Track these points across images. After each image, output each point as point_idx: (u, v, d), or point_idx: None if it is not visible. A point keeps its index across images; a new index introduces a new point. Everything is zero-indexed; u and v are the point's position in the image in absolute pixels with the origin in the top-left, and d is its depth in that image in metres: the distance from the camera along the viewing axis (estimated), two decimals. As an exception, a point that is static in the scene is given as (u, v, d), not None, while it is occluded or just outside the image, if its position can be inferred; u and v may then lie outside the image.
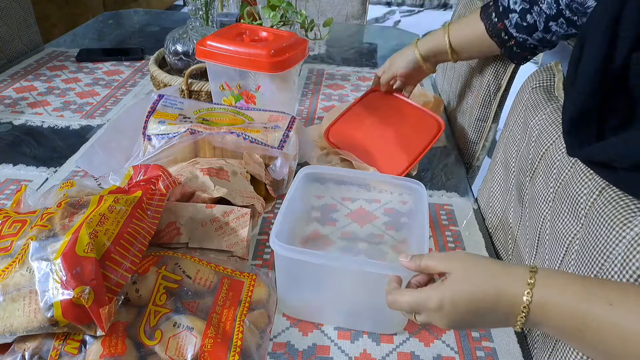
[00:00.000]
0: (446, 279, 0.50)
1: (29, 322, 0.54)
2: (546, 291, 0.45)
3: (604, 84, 0.52)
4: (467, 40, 0.95)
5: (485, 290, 0.47)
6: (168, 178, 0.69)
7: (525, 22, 0.85)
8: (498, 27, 0.88)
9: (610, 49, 0.51)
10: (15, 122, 1.12)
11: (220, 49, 0.97)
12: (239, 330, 0.60)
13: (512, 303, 0.46)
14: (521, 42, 0.88)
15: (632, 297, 0.42)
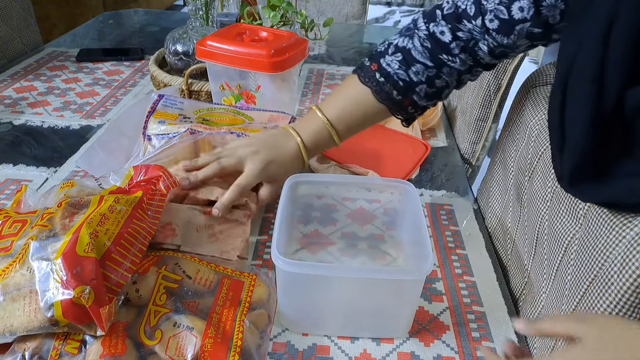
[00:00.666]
0: (575, 344, 0.44)
1: (29, 321, 0.54)
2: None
3: (598, 133, 0.51)
4: (364, 122, 0.79)
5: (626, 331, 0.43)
6: (169, 178, 0.69)
7: (435, 88, 0.73)
8: (403, 104, 0.75)
9: (599, 98, 0.49)
10: (15, 122, 1.12)
11: (221, 49, 0.97)
12: (239, 330, 0.60)
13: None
14: (426, 108, 0.78)
15: None
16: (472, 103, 1.14)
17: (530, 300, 0.70)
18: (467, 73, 0.73)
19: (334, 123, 0.77)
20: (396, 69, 0.72)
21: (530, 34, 0.64)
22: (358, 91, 0.76)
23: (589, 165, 0.53)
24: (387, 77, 0.73)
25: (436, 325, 0.69)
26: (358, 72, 0.77)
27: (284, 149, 0.78)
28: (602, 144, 0.52)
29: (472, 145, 1.16)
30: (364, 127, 0.80)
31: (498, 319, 0.70)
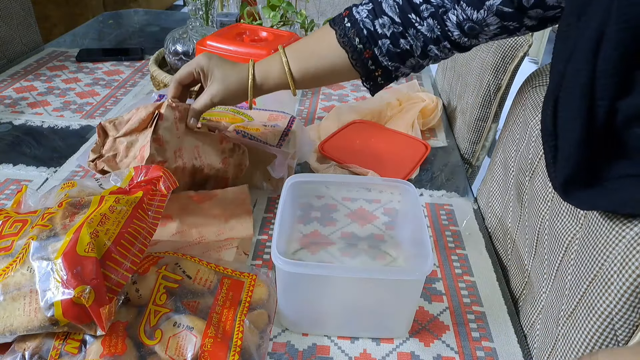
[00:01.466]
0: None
1: (29, 321, 0.54)
2: None
3: (589, 144, 0.51)
4: (324, 69, 0.75)
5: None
6: (169, 179, 0.69)
7: (399, 49, 0.71)
8: (364, 56, 0.72)
9: (590, 112, 0.49)
10: (15, 122, 1.12)
11: (220, 49, 0.97)
12: (239, 330, 0.60)
13: None
14: (390, 71, 0.75)
15: None
16: (472, 103, 1.14)
17: (531, 300, 0.70)
18: (434, 44, 0.70)
19: (292, 63, 0.76)
20: (364, 17, 0.72)
21: (501, 12, 0.63)
22: (325, 36, 0.75)
23: (582, 173, 0.53)
24: (354, 23, 0.72)
25: (436, 325, 0.69)
26: (330, 20, 0.77)
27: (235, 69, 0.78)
28: (594, 152, 0.52)
29: (472, 145, 1.16)
30: (323, 78, 0.78)
31: (498, 319, 0.70)
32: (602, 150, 0.52)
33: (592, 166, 0.53)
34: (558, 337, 0.59)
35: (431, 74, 1.49)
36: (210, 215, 0.81)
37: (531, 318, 0.69)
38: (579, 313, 0.55)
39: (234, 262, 0.70)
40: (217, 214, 0.81)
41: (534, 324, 0.68)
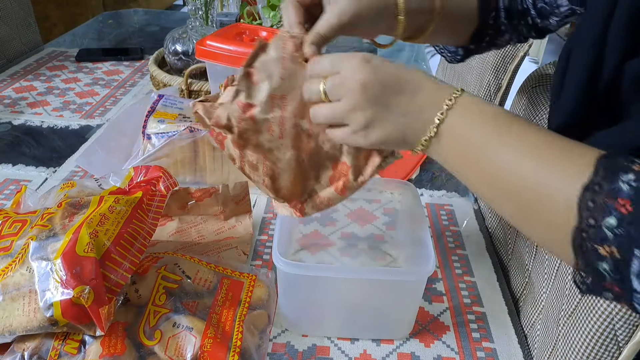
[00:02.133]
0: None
1: (29, 321, 0.54)
2: (462, 120, 0.45)
3: (591, 95, 0.51)
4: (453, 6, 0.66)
5: (414, 73, 0.47)
6: (168, 179, 0.69)
7: (510, 9, 0.69)
8: (490, 4, 0.68)
9: (598, 62, 0.49)
10: (15, 122, 1.12)
11: (220, 49, 0.97)
12: (239, 330, 0.60)
13: (433, 97, 0.46)
14: (498, 34, 0.71)
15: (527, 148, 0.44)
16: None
17: (531, 300, 0.70)
18: (522, 18, 0.69)
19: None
20: None
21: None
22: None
23: (573, 129, 0.52)
24: None
25: (436, 326, 0.68)
26: None
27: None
28: (590, 115, 0.52)
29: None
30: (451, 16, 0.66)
31: (498, 319, 0.70)
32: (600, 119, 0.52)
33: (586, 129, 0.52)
34: (558, 338, 0.59)
35: (431, 74, 1.49)
36: (210, 213, 0.81)
37: (532, 318, 0.69)
38: (579, 313, 0.55)
39: (233, 262, 0.70)
40: (217, 211, 0.81)
41: (534, 324, 0.68)
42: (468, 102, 0.46)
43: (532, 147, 0.44)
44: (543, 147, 0.44)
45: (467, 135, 0.45)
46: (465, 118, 0.46)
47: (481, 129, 0.45)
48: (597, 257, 0.38)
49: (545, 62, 0.81)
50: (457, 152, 0.46)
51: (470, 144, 0.45)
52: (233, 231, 0.80)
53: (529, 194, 0.43)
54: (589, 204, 0.38)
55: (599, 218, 0.37)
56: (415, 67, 0.48)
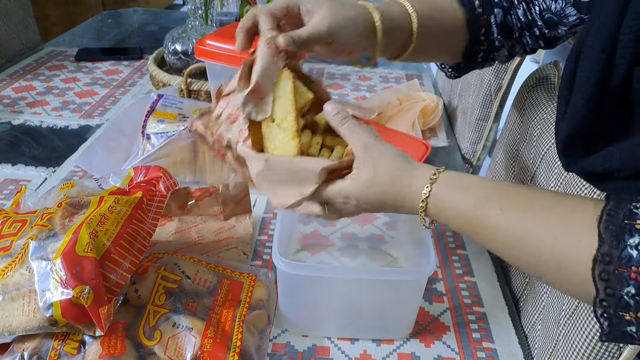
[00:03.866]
0: (358, 172, 0.51)
1: (28, 321, 0.54)
2: (444, 192, 0.49)
3: (601, 102, 0.51)
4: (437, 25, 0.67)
5: (391, 194, 0.51)
6: (168, 179, 0.68)
7: (506, 24, 0.70)
8: (480, 21, 0.68)
9: (608, 67, 0.49)
10: (14, 122, 1.12)
11: (220, 49, 0.96)
12: (239, 330, 0.60)
13: (413, 197, 0.50)
14: (492, 48, 0.71)
15: (520, 202, 0.46)
16: (473, 103, 1.14)
17: (531, 300, 0.70)
18: (527, 30, 0.70)
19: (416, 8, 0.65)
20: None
21: (577, 3, 0.63)
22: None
23: (583, 136, 0.53)
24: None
25: (437, 326, 0.68)
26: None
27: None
28: (601, 120, 0.52)
29: (472, 145, 1.15)
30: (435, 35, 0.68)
31: (499, 320, 0.70)
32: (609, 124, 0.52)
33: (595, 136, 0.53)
34: (559, 338, 0.58)
35: (432, 74, 1.49)
36: (210, 213, 0.81)
37: (532, 318, 0.69)
38: (579, 313, 0.55)
39: (233, 263, 0.70)
40: (217, 211, 0.81)
41: (534, 325, 0.68)
42: (448, 176, 0.50)
43: (528, 210, 0.46)
44: (541, 211, 0.45)
45: (452, 204, 0.49)
46: (449, 188, 0.49)
47: (465, 197, 0.48)
48: (623, 323, 0.38)
49: (545, 62, 0.81)
50: (449, 220, 0.50)
51: (466, 216, 0.48)
52: (233, 231, 0.80)
53: (539, 259, 0.44)
54: (603, 276, 0.38)
55: (617, 288, 0.37)
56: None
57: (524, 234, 0.45)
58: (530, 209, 0.46)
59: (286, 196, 0.51)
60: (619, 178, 0.50)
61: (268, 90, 0.54)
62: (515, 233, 0.45)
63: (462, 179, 0.50)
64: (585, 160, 0.53)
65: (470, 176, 0.51)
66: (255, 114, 0.53)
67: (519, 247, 0.45)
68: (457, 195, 0.49)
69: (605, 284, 0.38)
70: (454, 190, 0.49)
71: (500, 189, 0.48)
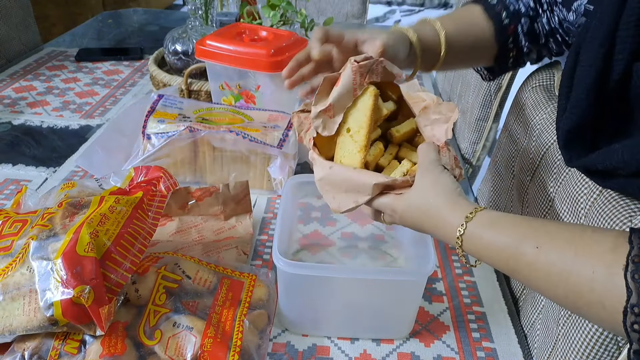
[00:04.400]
0: (408, 192, 0.54)
1: (29, 321, 0.54)
2: (479, 230, 0.49)
3: (600, 97, 0.51)
4: (467, 41, 0.74)
5: (429, 214, 0.52)
6: (169, 179, 0.69)
7: (534, 32, 0.74)
8: (508, 31, 0.73)
9: (607, 62, 0.50)
10: (15, 122, 1.12)
11: (220, 49, 0.97)
12: (239, 330, 0.60)
13: (449, 231, 0.51)
14: (522, 54, 0.76)
15: (558, 239, 0.45)
16: (473, 103, 1.14)
17: (531, 300, 0.70)
18: (552, 36, 0.73)
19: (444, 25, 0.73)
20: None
21: (588, 13, 0.64)
22: (471, 9, 0.77)
23: (584, 130, 0.54)
24: (499, 0, 0.74)
25: (436, 326, 0.68)
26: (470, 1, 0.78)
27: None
28: (601, 114, 0.52)
29: (472, 145, 1.15)
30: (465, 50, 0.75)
31: (498, 319, 0.70)
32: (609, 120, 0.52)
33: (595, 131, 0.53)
34: (558, 337, 0.59)
35: (432, 74, 1.49)
36: (210, 213, 0.81)
37: (531, 318, 0.69)
38: (579, 313, 0.55)
39: (233, 262, 0.70)
40: (217, 211, 0.81)
41: (534, 324, 0.68)
42: (485, 215, 0.50)
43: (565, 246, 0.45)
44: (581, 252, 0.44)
45: (488, 242, 0.49)
46: (484, 226, 0.49)
47: (500, 235, 0.48)
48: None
49: (545, 62, 0.81)
50: (486, 258, 0.50)
51: (502, 253, 0.48)
52: (233, 231, 0.80)
53: (567, 302, 0.44)
54: (635, 327, 0.38)
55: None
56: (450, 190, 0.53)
57: (563, 270, 0.44)
58: (567, 245, 0.45)
59: (343, 202, 0.56)
60: (621, 176, 0.51)
61: (339, 111, 0.59)
62: (555, 270, 0.44)
63: (500, 218, 0.50)
64: (588, 156, 0.54)
65: (506, 215, 0.50)
66: (322, 129, 0.59)
67: (560, 283, 0.44)
68: (493, 233, 0.49)
69: (639, 335, 0.38)
70: (489, 229, 0.49)
71: (537, 227, 0.48)
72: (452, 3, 4.52)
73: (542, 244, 0.45)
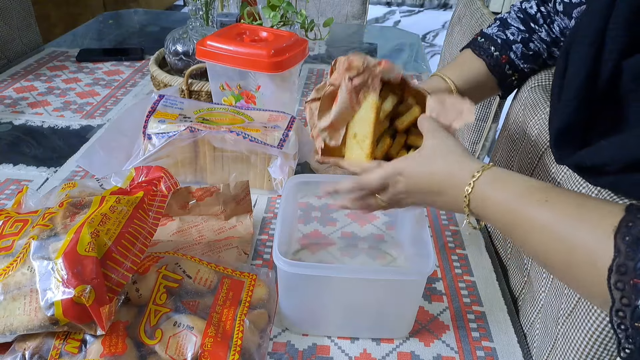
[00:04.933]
0: (413, 154, 0.56)
1: (30, 320, 0.54)
2: (487, 186, 0.50)
3: (590, 96, 0.52)
4: (470, 81, 0.78)
5: (437, 174, 0.54)
6: (170, 179, 0.69)
7: (531, 51, 0.78)
8: (501, 61, 0.78)
9: (597, 61, 0.50)
10: (16, 122, 1.12)
11: (221, 49, 0.97)
12: (239, 329, 0.60)
13: (457, 190, 0.52)
14: (525, 74, 0.81)
15: (566, 196, 0.46)
16: (472, 103, 1.14)
17: (530, 299, 0.70)
18: (555, 46, 0.76)
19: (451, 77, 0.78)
20: (495, 31, 0.80)
21: None
22: (464, 55, 0.82)
23: (575, 129, 0.54)
24: (486, 37, 0.80)
25: (436, 325, 0.69)
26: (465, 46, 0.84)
27: None
28: (592, 113, 0.53)
29: (472, 145, 1.16)
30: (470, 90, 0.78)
31: (498, 319, 0.70)
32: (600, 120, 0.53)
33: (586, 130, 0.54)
34: (557, 337, 0.59)
35: (430, 70, 1.49)
36: (211, 213, 0.81)
37: (531, 317, 0.69)
38: (578, 312, 0.55)
39: (234, 262, 0.70)
40: (218, 211, 0.81)
41: (533, 324, 0.68)
42: (494, 171, 0.51)
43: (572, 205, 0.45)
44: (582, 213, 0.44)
45: (499, 200, 0.49)
46: (493, 183, 0.50)
47: (509, 189, 0.49)
48: (638, 336, 0.39)
49: (544, 63, 0.81)
50: (490, 214, 0.51)
51: (506, 210, 0.49)
52: (234, 231, 0.81)
53: (560, 263, 0.44)
54: (619, 285, 0.39)
55: (632, 298, 0.38)
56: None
57: (565, 226, 0.44)
58: (572, 206, 0.45)
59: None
60: (611, 173, 0.51)
61: (342, 124, 0.63)
62: (555, 226, 0.44)
63: (509, 174, 0.51)
64: (577, 154, 0.54)
65: (517, 174, 0.51)
66: (329, 139, 0.62)
67: (560, 240, 0.44)
68: (499, 192, 0.49)
69: (621, 293, 0.39)
70: (497, 184, 0.50)
71: (547, 187, 0.48)
72: (452, 4, 4.52)
73: (550, 198, 0.46)
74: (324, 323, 0.66)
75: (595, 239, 0.41)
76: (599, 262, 0.40)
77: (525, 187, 0.48)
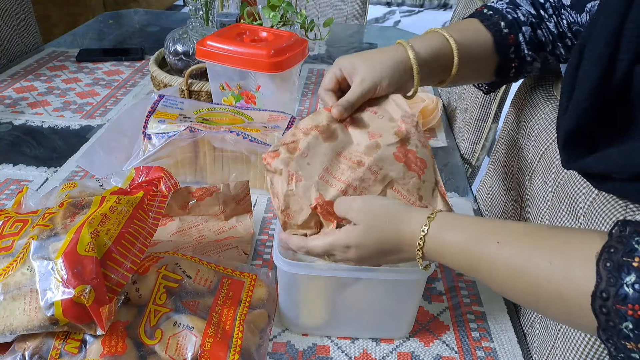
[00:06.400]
0: (354, 225, 0.54)
1: (29, 321, 0.54)
2: (442, 230, 0.50)
3: (603, 98, 0.51)
4: (471, 52, 0.70)
5: (389, 235, 0.53)
6: (170, 180, 0.69)
7: (537, 39, 0.71)
8: (508, 40, 0.70)
9: (612, 62, 0.49)
10: (16, 122, 1.12)
11: (220, 49, 0.97)
12: (239, 329, 0.60)
13: (412, 237, 0.51)
14: (524, 64, 0.73)
15: (517, 233, 0.46)
16: (472, 103, 1.14)
17: (530, 300, 0.70)
18: (560, 41, 0.72)
19: (453, 36, 0.69)
20: (505, 7, 0.72)
21: None
22: (470, 23, 0.73)
23: (584, 131, 0.54)
24: (496, 11, 0.72)
25: (436, 325, 0.69)
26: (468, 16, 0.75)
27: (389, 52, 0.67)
28: (603, 116, 0.52)
29: (472, 145, 1.16)
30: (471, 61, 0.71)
31: (498, 319, 0.70)
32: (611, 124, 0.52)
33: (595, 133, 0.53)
34: (557, 337, 0.59)
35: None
36: (211, 213, 0.82)
37: (531, 317, 0.69)
38: (578, 313, 0.55)
39: (234, 262, 0.70)
40: (218, 211, 0.81)
41: (533, 324, 0.68)
42: (445, 216, 0.51)
43: (525, 241, 0.46)
44: (539, 241, 0.45)
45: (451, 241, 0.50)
46: (446, 226, 0.50)
47: (463, 233, 0.49)
48: (627, 350, 0.39)
49: (544, 63, 0.81)
50: (448, 258, 0.51)
51: (464, 253, 0.49)
52: (234, 231, 0.81)
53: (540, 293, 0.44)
54: (603, 310, 0.39)
55: (617, 322, 0.38)
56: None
57: (522, 263, 0.44)
58: (526, 239, 0.46)
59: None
60: (617, 180, 0.51)
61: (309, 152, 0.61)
62: (514, 263, 0.45)
63: (459, 218, 0.51)
64: (584, 160, 0.53)
65: (467, 216, 0.52)
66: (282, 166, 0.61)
67: (519, 277, 0.45)
68: (455, 232, 0.49)
69: (606, 317, 0.39)
70: (451, 228, 0.50)
71: (497, 225, 0.49)
72: (452, 4, 4.52)
73: (502, 239, 0.46)
74: (323, 323, 0.66)
75: (558, 269, 0.42)
76: (564, 292, 0.41)
77: (478, 230, 0.49)
